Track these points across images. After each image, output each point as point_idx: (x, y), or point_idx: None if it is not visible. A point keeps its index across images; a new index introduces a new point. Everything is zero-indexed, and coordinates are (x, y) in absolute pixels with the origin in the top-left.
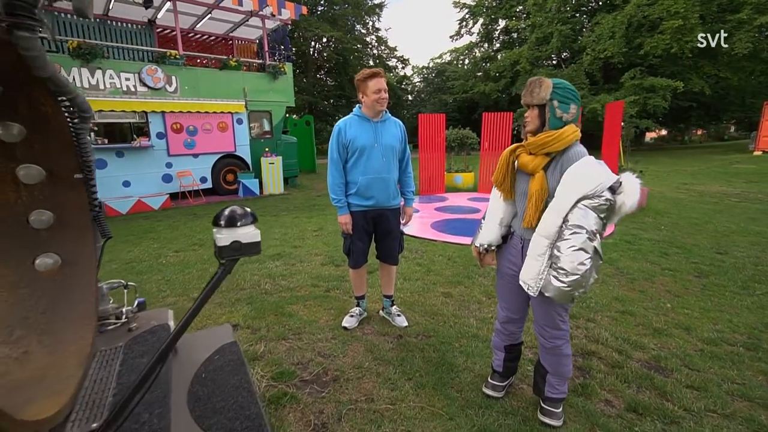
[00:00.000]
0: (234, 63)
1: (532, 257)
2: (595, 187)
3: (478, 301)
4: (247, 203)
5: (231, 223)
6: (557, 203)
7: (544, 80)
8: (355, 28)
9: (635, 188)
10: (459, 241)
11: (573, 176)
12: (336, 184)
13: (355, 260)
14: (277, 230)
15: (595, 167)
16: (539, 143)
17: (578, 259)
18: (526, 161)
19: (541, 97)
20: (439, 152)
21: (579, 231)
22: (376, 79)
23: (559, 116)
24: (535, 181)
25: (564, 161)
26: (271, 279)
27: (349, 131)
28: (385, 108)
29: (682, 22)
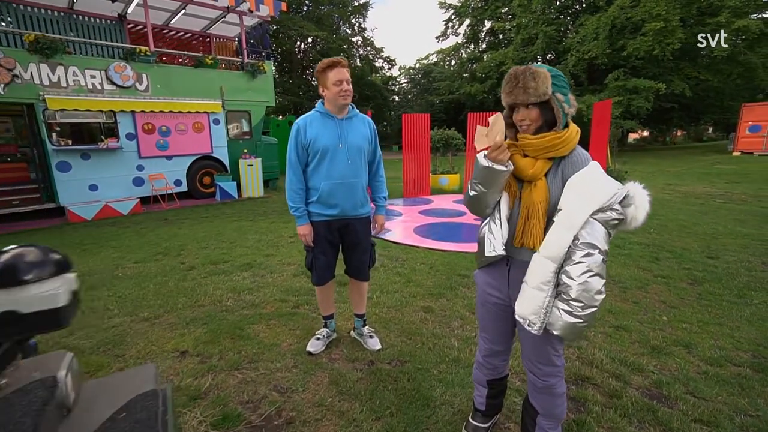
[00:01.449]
0: (210, 61)
1: (534, 286)
2: (609, 198)
3: (461, 316)
4: (224, 207)
5: (8, 278)
6: (568, 217)
7: (537, 70)
8: (340, 28)
9: (645, 200)
10: (442, 248)
11: (585, 184)
12: (294, 191)
13: (319, 276)
14: (251, 237)
15: (605, 174)
16: (544, 146)
17: (595, 286)
18: (523, 166)
19: (540, 93)
20: (424, 153)
21: (592, 251)
22: (337, 69)
23: (567, 112)
24: (537, 191)
25: (567, 166)
26: (236, 294)
27: (310, 130)
28: (350, 102)
29: (664, 24)
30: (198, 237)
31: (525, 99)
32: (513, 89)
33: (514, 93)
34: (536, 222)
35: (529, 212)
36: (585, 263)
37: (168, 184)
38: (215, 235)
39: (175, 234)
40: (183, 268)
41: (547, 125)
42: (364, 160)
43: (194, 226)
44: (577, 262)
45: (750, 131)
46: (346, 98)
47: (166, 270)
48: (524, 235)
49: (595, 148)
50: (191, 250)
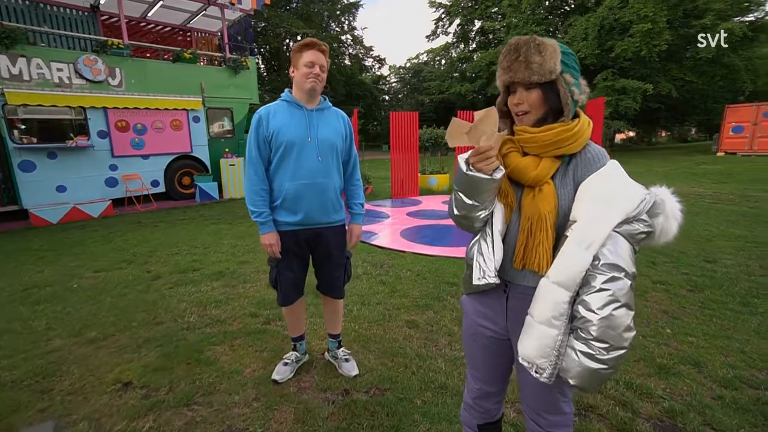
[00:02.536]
0: (189, 55)
1: (543, 321)
2: (636, 206)
3: (449, 332)
4: (204, 208)
5: None
6: (586, 232)
7: (544, 41)
8: (330, 27)
9: (677, 208)
10: (430, 252)
11: (605, 189)
12: (255, 192)
13: (284, 295)
14: (227, 242)
15: (627, 175)
16: (551, 141)
17: (623, 321)
18: (524, 167)
19: (546, 70)
20: (413, 153)
21: (617, 275)
22: (313, 51)
23: (576, 98)
24: (544, 198)
25: (579, 166)
26: (201, 307)
27: (273, 120)
28: (320, 91)
29: (651, 25)
30: (170, 242)
31: (526, 77)
32: (512, 63)
33: (512, 68)
34: (543, 237)
35: (533, 225)
36: (609, 291)
37: (144, 184)
38: (189, 239)
39: (146, 239)
40: (148, 278)
41: (552, 115)
42: (337, 159)
43: (168, 230)
44: (598, 290)
45: (733, 132)
46: (314, 82)
47: (129, 280)
48: (527, 254)
49: None
50: (160, 256)
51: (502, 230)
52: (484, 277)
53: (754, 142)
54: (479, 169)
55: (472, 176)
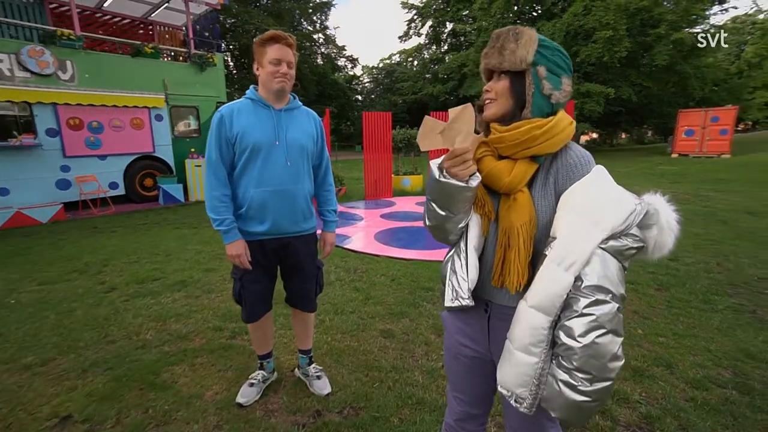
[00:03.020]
0: (150, 50)
1: (521, 348)
2: (625, 219)
3: (426, 341)
4: (167, 212)
5: None
6: (566, 251)
7: (523, 30)
8: (301, 25)
9: (672, 218)
10: (405, 256)
11: (590, 199)
12: (216, 198)
13: (249, 311)
14: (191, 248)
15: (614, 182)
16: (518, 139)
17: (609, 350)
18: (498, 171)
19: (517, 58)
20: (386, 153)
21: (603, 297)
22: (278, 46)
23: (548, 94)
24: (518, 208)
25: (560, 171)
26: (160, 322)
27: (237, 121)
28: (290, 90)
29: (613, 32)
30: (128, 249)
31: (497, 63)
32: (489, 50)
33: (489, 55)
34: (515, 255)
35: (510, 241)
36: (592, 316)
37: (101, 187)
38: (150, 245)
39: (101, 245)
40: (101, 290)
41: (520, 110)
42: (307, 163)
43: (127, 236)
44: (580, 314)
45: (685, 135)
46: (282, 82)
47: (78, 293)
48: (504, 272)
49: None
50: (117, 265)
51: (478, 246)
52: (456, 299)
53: (704, 144)
54: (454, 175)
55: (446, 183)
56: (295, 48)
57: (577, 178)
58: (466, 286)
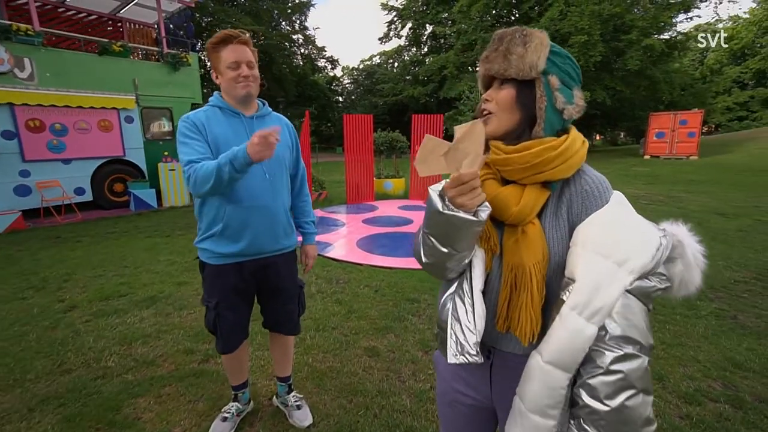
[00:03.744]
0: (118, 48)
1: (536, 410)
2: (653, 257)
3: (413, 358)
4: (139, 219)
5: None
6: (589, 297)
7: (532, 32)
8: (280, 25)
9: (698, 251)
10: (388, 264)
11: (611, 234)
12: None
13: (225, 342)
14: (163, 258)
15: (636, 214)
16: (529, 162)
17: (640, 414)
18: (504, 198)
19: (526, 65)
20: (368, 157)
21: (631, 350)
22: (232, 47)
23: (561, 108)
24: (528, 243)
25: (574, 201)
26: (124, 345)
27: (210, 129)
28: (257, 93)
29: (587, 37)
30: (94, 260)
31: (501, 69)
32: (490, 54)
33: (490, 59)
34: (527, 298)
35: (517, 279)
36: (621, 374)
37: (65, 193)
38: (118, 256)
39: (63, 257)
40: (59, 309)
41: (528, 127)
42: (285, 175)
43: (93, 246)
44: (606, 372)
45: (656, 137)
46: (246, 87)
47: (33, 314)
48: (511, 316)
49: None
50: (79, 280)
51: (482, 287)
52: (462, 354)
53: (673, 146)
54: (460, 206)
55: (451, 216)
56: (252, 44)
57: (595, 207)
58: (473, 339)
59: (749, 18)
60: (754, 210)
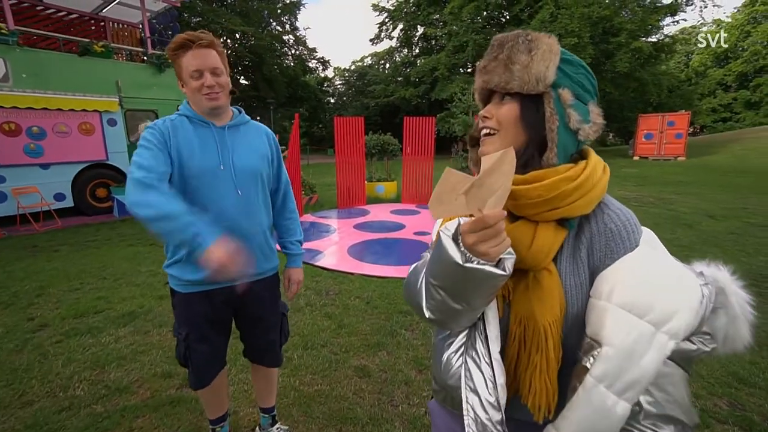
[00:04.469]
0: (100, 48)
1: None
2: (696, 314)
3: (406, 379)
4: (122, 225)
5: None
6: (622, 366)
7: (538, 37)
8: (270, 26)
9: (744, 300)
10: (380, 273)
11: (648, 288)
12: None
13: (198, 376)
14: (145, 269)
15: (671, 258)
16: (542, 196)
17: None
18: (514, 238)
19: (532, 76)
20: (359, 160)
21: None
22: (192, 54)
23: (575, 129)
24: (543, 297)
25: (596, 239)
26: (96, 370)
27: (175, 139)
28: (227, 103)
29: (578, 40)
30: (71, 272)
31: (502, 81)
32: (489, 63)
33: (488, 69)
34: (541, 361)
35: (527, 336)
36: None
37: (44, 199)
38: (97, 267)
39: (38, 269)
40: (28, 329)
41: (536, 150)
42: (262, 190)
43: (71, 256)
44: None
45: (645, 138)
46: (212, 99)
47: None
48: (520, 379)
49: None
50: (53, 294)
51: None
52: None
53: (662, 148)
54: (482, 254)
55: (473, 271)
56: (219, 45)
57: (622, 251)
58: (497, 417)
59: (731, 22)
60: (742, 212)
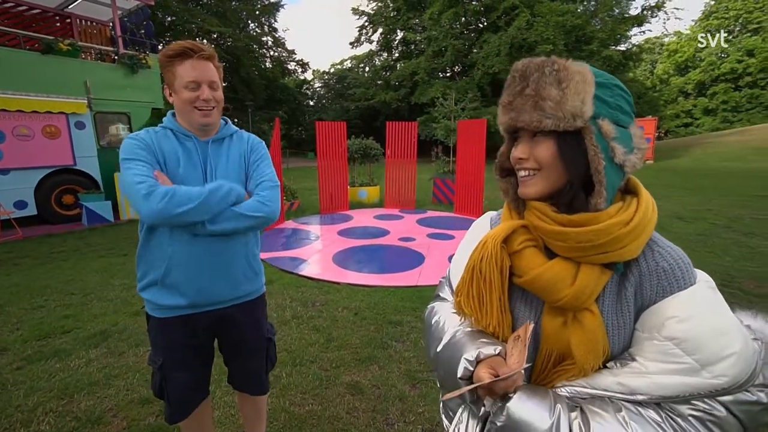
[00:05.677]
0: (66, 47)
1: None
2: (748, 362)
3: (400, 395)
4: (93, 234)
5: None
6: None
7: (566, 66)
8: (248, 27)
9: None
10: (366, 282)
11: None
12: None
13: (175, 409)
14: (118, 282)
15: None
16: (593, 241)
17: None
18: (554, 277)
19: (567, 112)
20: (341, 165)
21: None
22: (191, 63)
23: (621, 162)
24: (585, 336)
25: (646, 278)
26: (64, 399)
27: (160, 151)
28: (216, 120)
29: (552, 47)
30: (34, 288)
31: (534, 120)
32: (514, 98)
33: (515, 106)
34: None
35: (559, 369)
36: None
37: (3, 207)
38: (64, 282)
39: None
40: None
41: (582, 187)
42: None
43: (35, 269)
44: None
45: None
46: (206, 116)
47: None
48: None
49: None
50: (13, 314)
51: None
52: None
53: None
54: (492, 394)
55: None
56: (217, 60)
57: (676, 289)
58: None
59: (689, 34)
60: (708, 213)
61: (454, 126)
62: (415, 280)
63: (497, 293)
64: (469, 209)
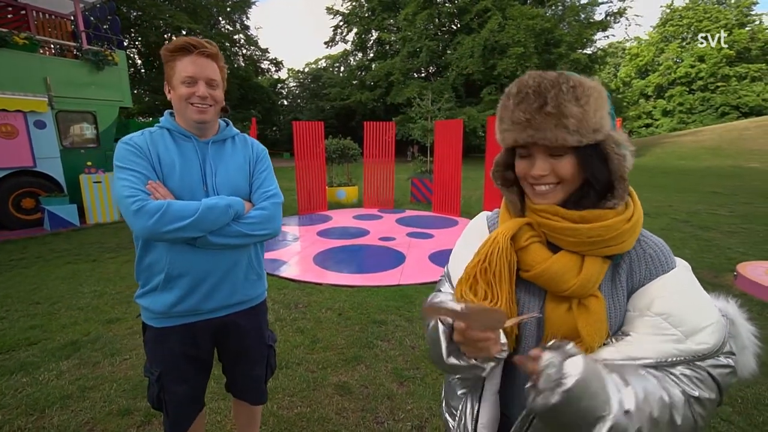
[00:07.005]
0: (22, 40)
1: None
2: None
3: (388, 393)
4: (56, 240)
5: None
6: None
7: (583, 83)
8: (219, 24)
9: (751, 332)
10: (348, 282)
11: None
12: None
13: (175, 421)
14: (88, 289)
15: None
16: (601, 236)
17: None
18: (559, 270)
19: (589, 128)
20: (319, 165)
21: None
22: (190, 59)
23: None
24: (590, 318)
25: (635, 263)
26: (34, 413)
27: (155, 153)
28: (216, 118)
29: (523, 49)
30: None
31: (558, 138)
32: (533, 116)
33: (534, 124)
34: None
35: None
36: None
37: None
38: (28, 291)
39: None
40: None
41: (592, 188)
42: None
43: None
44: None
45: None
46: (201, 112)
47: None
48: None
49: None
50: None
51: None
52: None
53: None
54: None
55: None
56: (220, 59)
57: (661, 272)
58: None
59: (648, 39)
60: (669, 209)
61: (431, 126)
62: (397, 279)
63: (507, 286)
64: (447, 208)
